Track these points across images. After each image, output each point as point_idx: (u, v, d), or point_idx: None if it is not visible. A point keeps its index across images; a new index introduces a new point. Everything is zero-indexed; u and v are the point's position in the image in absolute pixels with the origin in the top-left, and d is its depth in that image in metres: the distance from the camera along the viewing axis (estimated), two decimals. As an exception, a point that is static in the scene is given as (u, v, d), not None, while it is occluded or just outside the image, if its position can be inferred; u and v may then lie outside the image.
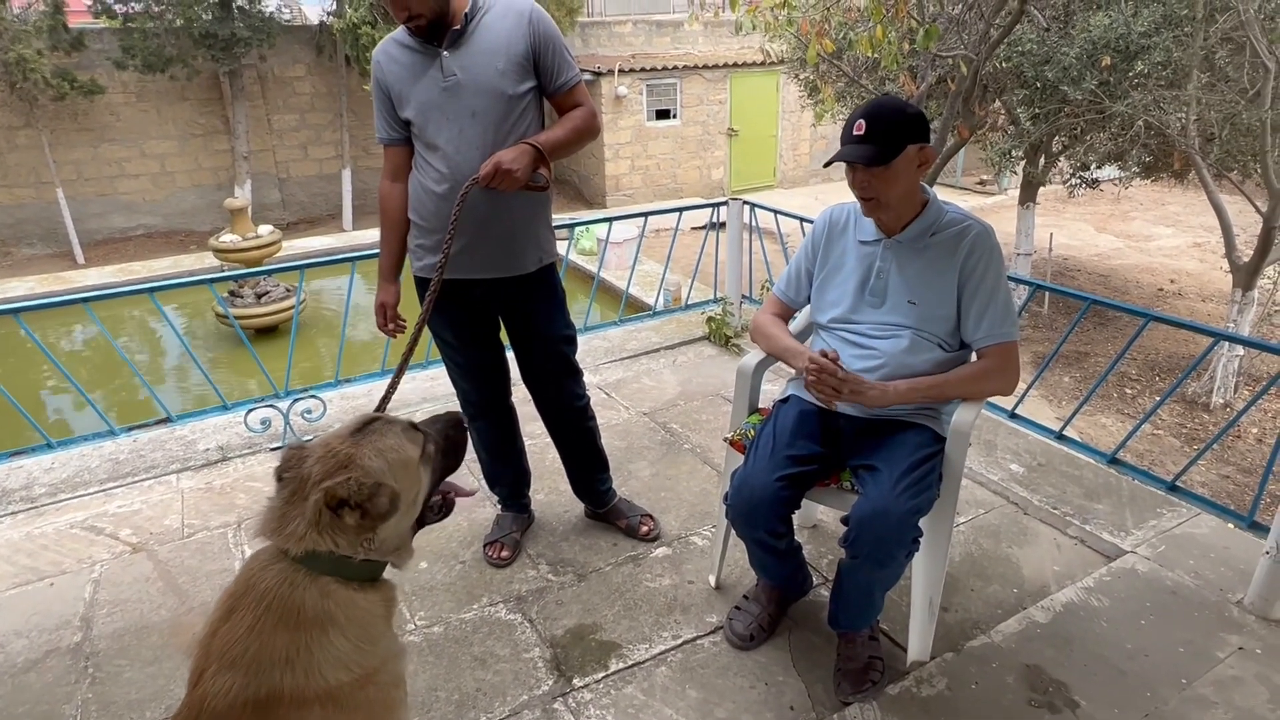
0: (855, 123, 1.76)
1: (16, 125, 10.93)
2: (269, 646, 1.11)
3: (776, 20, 4.84)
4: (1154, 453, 6.02)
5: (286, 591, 1.14)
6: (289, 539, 1.16)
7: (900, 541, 1.71)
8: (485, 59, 1.95)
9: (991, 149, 8.27)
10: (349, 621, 1.16)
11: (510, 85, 1.97)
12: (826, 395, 1.81)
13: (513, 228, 2.07)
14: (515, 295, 2.17)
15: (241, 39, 11.13)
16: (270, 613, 1.13)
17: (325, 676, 1.12)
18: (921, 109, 1.82)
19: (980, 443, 2.99)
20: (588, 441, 2.46)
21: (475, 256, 2.07)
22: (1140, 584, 2.26)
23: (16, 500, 2.82)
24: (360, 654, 1.16)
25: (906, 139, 1.74)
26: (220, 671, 1.10)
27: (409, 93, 2.00)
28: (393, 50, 2.02)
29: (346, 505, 1.16)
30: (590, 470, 2.52)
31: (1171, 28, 6.17)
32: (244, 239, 7.19)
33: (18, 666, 2.08)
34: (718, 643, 2.08)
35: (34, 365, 6.99)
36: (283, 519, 1.18)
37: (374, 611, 1.21)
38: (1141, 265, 10.52)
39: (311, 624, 1.14)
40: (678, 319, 4.43)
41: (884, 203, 1.81)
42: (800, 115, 13.88)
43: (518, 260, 2.12)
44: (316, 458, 1.20)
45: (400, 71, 2.00)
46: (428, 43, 1.96)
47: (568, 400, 2.36)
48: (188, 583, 2.38)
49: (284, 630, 1.12)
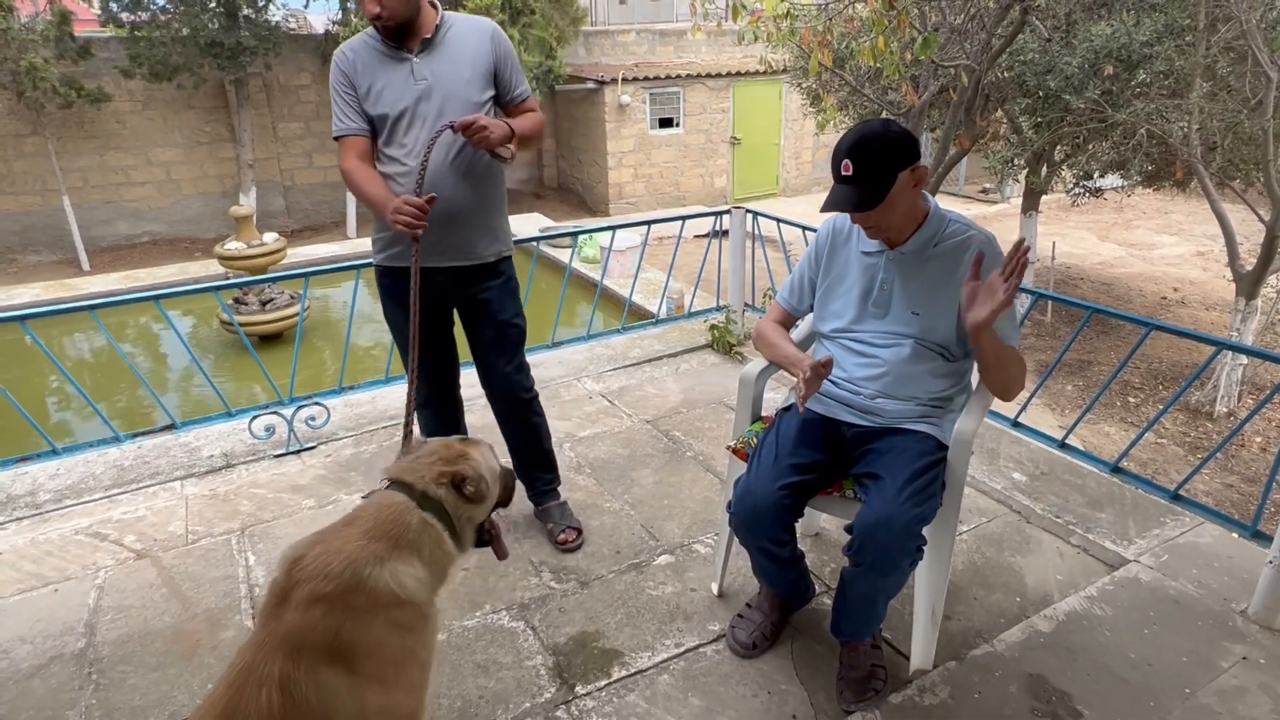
0: (841, 162, 1.74)
1: (23, 133, 11.00)
2: (369, 549, 1.37)
3: (779, 30, 4.86)
4: (1157, 461, 6.01)
5: (401, 511, 1.44)
6: (417, 480, 1.49)
7: (903, 550, 1.71)
8: (454, 67, 2.15)
9: (994, 157, 8.28)
10: (431, 556, 1.45)
11: (475, 92, 2.17)
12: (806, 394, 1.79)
13: (473, 219, 2.23)
14: (471, 283, 2.32)
15: (248, 48, 11.20)
16: (382, 523, 1.41)
17: (399, 585, 1.37)
18: (906, 127, 1.80)
19: (983, 451, 2.99)
20: (533, 437, 2.56)
21: (438, 246, 2.20)
22: (1143, 593, 2.25)
23: (22, 506, 2.83)
24: (427, 583, 1.44)
25: (896, 167, 1.73)
26: (325, 554, 1.35)
27: (380, 90, 2.13)
28: (362, 51, 2.15)
29: (466, 482, 1.51)
30: (533, 466, 2.59)
31: (1173, 37, 6.18)
32: (249, 246, 7.21)
33: (22, 672, 2.09)
34: (720, 651, 2.08)
35: (40, 371, 7.01)
36: (411, 470, 1.51)
37: (446, 560, 1.50)
38: (1145, 274, 10.51)
39: (409, 544, 1.42)
40: (680, 327, 4.45)
41: (884, 227, 1.82)
42: (803, 124, 13.93)
43: (476, 250, 2.28)
44: (438, 443, 1.59)
45: (372, 69, 2.13)
46: (395, 47, 2.12)
47: (515, 390, 2.47)
48: (191, 589, 2.39)
49: (386, 541, 1.39)
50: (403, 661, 1.37)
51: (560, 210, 13.58)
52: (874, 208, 1.74)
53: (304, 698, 1.24)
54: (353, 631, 1.30)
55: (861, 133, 1.75)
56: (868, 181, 1.72)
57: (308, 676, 1.25)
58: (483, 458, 1.61)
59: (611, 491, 2.84)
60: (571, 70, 13.07)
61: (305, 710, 1.24)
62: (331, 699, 1.26)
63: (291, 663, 1.25)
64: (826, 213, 1.82)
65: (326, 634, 1.28)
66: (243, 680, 1.24)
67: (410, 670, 1.39)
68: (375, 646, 1.33)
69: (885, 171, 1.72)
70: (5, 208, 11.32)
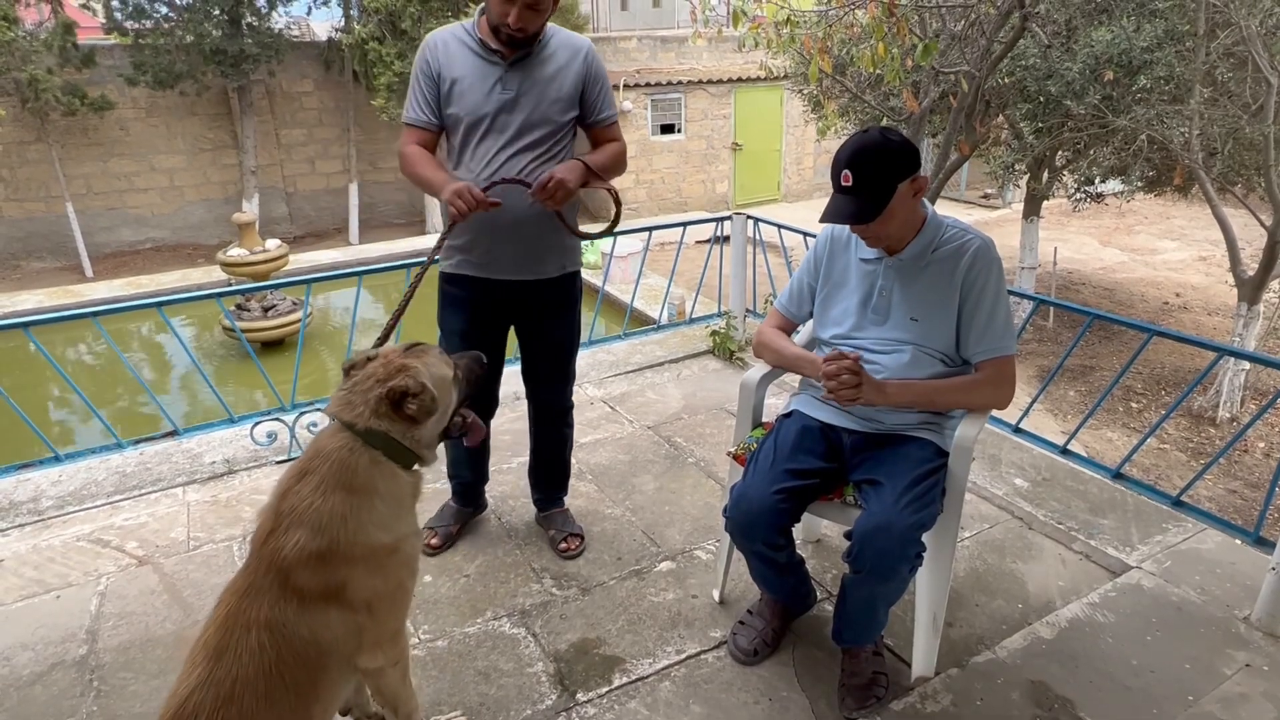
0: (841, 173, 1.73)
1: (27, 140, 11.05)
2: (329, 504, 1.39)
3: (780, 37, 4.88)
4: (1160, 467, 6.00)
5: (347, 456, 1.42)
6: (357, 417, 1.45)
7: (903, 556, 1.71)
8: (544, 84, 2.09)
9: (995, 163, 8.29)
10: (387, 493, 1.46)
11: (559, 112, 2.12)
12: (844, 397, 1.79)
13: (540, 233, 2.19)
14: (534, 298, 2.28)
15: (251, 55, 11.27)
16: (333, 472, 1.41)
17: (370, 535, 1.42)
18: (906, 135, 1.80)
19: (984, 457, 2.98)
20: (561, 447, 2.57)
21: (503, 259, 2.18)
22: (1146, 600, 2.25)
23: (24, 513, 2.84)
24: (394, 520, 1.47)
25: (895, 178, 1.73)
26: (290, 528, 1.37)
27: (466, 92, 2.07)
28: (453, 45, 2.09)
29: (406, 397, 1.45)
30: (552, 472, 2.60)
31: (1174, 42, 6.20)
32: (251, 253, 7.24)
33: (23, 679, 2.09)
34: (721, 658, 2.08)
35: (43, 378, 7.03)
36: (349, 404, 1.47)
37: (405, 490, 1.51)
38: (1147, 279, 10.51)
39: (362, 488, 1.42)
40: (682, 333, 4.45)
41: (883, 236, 1.83)
42: (804, 130, 13.95)
43: (542, 265, 2.24)
44: (379, 362, 1.50)
45: (462, 67, 2.08)
46: (492, 50, 2.05)
47: (560, 398, 2.49)
48: (193, 596, 2.39)
49: (341, 491, 1.40)
50: (387, 592, 1.47)
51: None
52: (873, 220, 1.74)
53: (295, 634, 1.35)
54: (337, 580, 1.39)
55: (861, 143, 1.74)
56: (867, 192, 1.72)
57: (298, 615, 1.35)
58: (426, 367, 1.52)
59: (613, 498, 2.84)
60: (573, 76, 13.09)
61: (298, 646, 1.35)
62: (322, 632, 1.37)
63: (280, 605, 1.34)
64: (825, 223, 1.82)
65: (314, 585, 1.37)
66: (230, 623, 1.34)
67: (396, 597, 1.51)
68: (360, 586, 1.42)
69: (885, 182, 1.72)
70: (9, 214, 11.38)
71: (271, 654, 1.32)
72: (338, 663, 1.42)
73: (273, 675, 1.31)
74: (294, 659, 1.34)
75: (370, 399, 1.46)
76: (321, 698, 1.41)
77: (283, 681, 1.32)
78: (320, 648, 1.38)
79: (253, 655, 1.31)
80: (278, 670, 1.32)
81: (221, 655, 1.31)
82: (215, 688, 1.28)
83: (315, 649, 1.37)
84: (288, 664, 1.33)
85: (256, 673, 1.30)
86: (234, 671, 1.30)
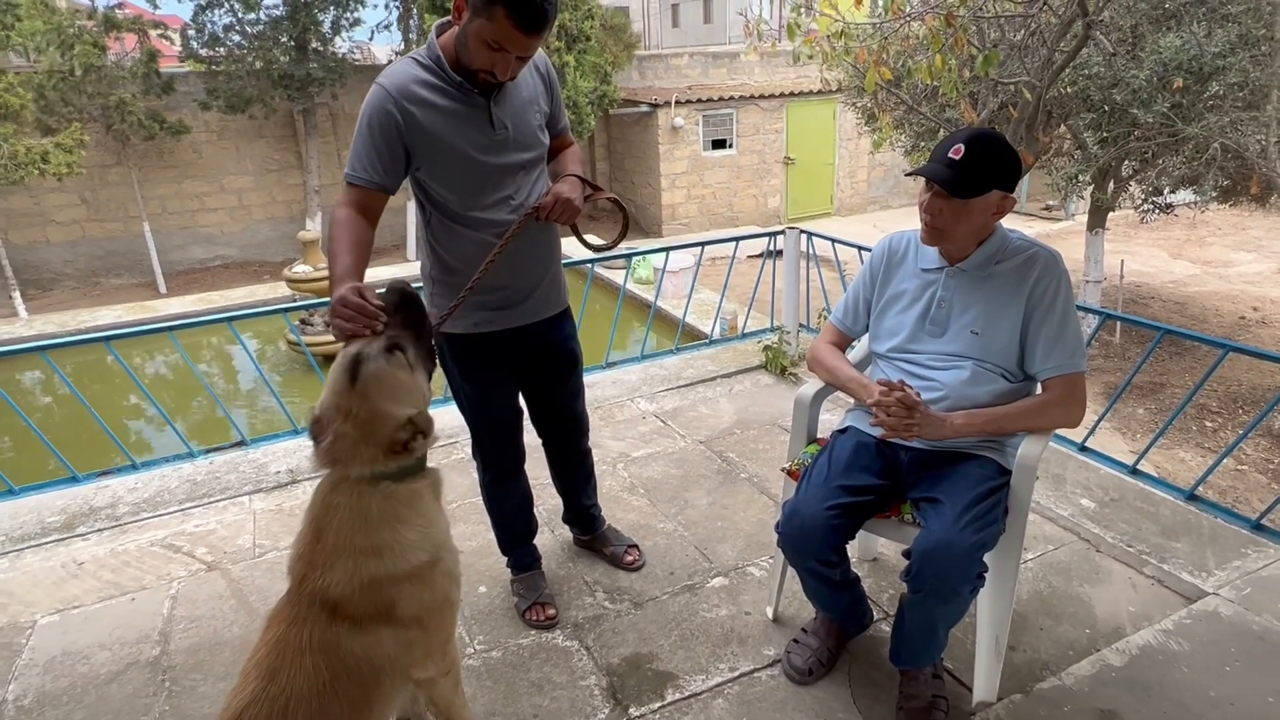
0: (953, 146, 1.71)
1: (109, 164, 11.67)
2: (359, 548, 1.38)
3: (834, 50, 4.85)
4: (1237, 489, 5.71)
5: (357, 502, 1.40)
6: (357, 468, 1.40)
7: (964, 576, 1.67)
8: (524, 111, 1.89)
9: (1057, 174, 8.06)
10: (411, 514, 1.45)
11: (543, 135, 1.98)
12: (896, 430, 1.77)
13: (554, 269, 2.13)
14: (545, 332, 2.16)
15: (316, 79, 11.71)
16: (352, 523, 1.39)
17: (409, 559, 1.42)
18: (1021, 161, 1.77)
19: (1048, 476, 2.89)
20: (585, 460, 2.48)
21: (529, 303, 2.07)
22: (1224, 628, 2.14)
23: (103, 518, 2.97)
24: (426, 534, 1.46)
25: (995, 182, 1.71)
26: (328, 569, 1.37)
27: (453, 144, 1.80)
28: (421, 94, 1.76)
29: (407, 448, 1.41)
30: (584, 488, 2.51)
31: (1248, 47, 5.96)
32: (315, 270, 7.47)
33: (101, 678, 2.18)
34: (775, 676, 2.05)
35: (120, 389, 7.36)
36: (337, 460, 1.40)
37: (427, 498, 1.50)
38: (1221, 292, 10.06)
39: (383, 522, 1.41)
40: (734, 347, 4.43)
41: (948, 235, 1.79)
42: (858, 143, 13.80)
43: (558, 299, 2.17)
44: (343, 418, 1.38)
45: (442, 121, 1.78)
46: (470, 90, 1.79)
47: (578, 416, 2.38)
48: (258, 601, 2.47)
49: (364, 533, 1.39)
50: (435, 604, 1.49)
51: (613, 232, 13.65)
52: (960, 196, 1.71)
53: (349, 653, 1.36)
54: (386, 601, 1.41)
55: (984, 132, 1.74)
56: (969, 173, 1.70)
57: (350, 636, 1.36)
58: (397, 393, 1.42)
59: (665, 512, 2.84)
60: (625, 94, 13.26)
61: (351, 664, 1.36)
62: (374, 649, 1.39)
63: (332, 629, 1.36)
64: (913, 175, 1.79)
65: (364, 610, 1.39)
66: (282, 647, 1.35)
67: (443, 609, 1.52)
68: (409, 602, 1.44)
69: (986, 176, 1.71)
70: (91, 234, 12.02)
71: (325, 674, 1.33)
72: (390, 676, 1.44)
73: (327, 692, 1.33)
74: (348, 676, 1.36)
75: (364, 455, 1.39)
76: (376, 710, 1.43)
77: (337, 697, 1.34)
78: (373, 664, 1.39)
79: (306, 675, 1.32)
80: (332, 688, 1.34)
81: (275, 675, 1.32)
82: (270, 704, 1.30)
83: (369, 665, 1.39)
84: (341, 681, 1.35)
85: (310, 690, 1.32)
86: (288, 690, 1.31)
